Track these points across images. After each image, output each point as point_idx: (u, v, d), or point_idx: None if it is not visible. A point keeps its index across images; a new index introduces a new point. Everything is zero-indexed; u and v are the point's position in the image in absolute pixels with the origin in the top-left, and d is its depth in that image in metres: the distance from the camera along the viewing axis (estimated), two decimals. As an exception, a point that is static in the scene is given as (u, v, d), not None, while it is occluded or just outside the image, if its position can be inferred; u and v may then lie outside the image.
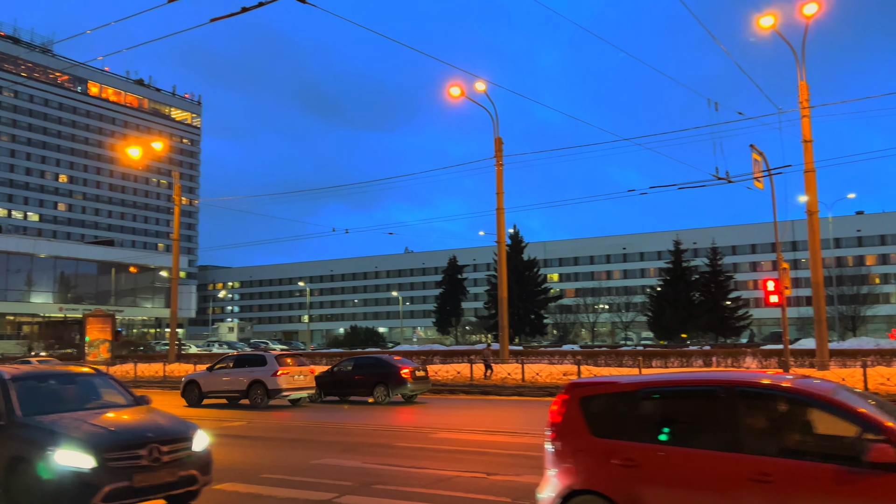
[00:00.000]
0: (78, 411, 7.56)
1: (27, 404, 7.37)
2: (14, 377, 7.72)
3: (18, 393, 7.45)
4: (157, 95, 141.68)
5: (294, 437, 14.15)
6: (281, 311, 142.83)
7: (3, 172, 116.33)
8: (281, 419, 17.34)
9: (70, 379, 8.55)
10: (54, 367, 14.31)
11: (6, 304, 74.21)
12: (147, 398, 8.54)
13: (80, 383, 8.38)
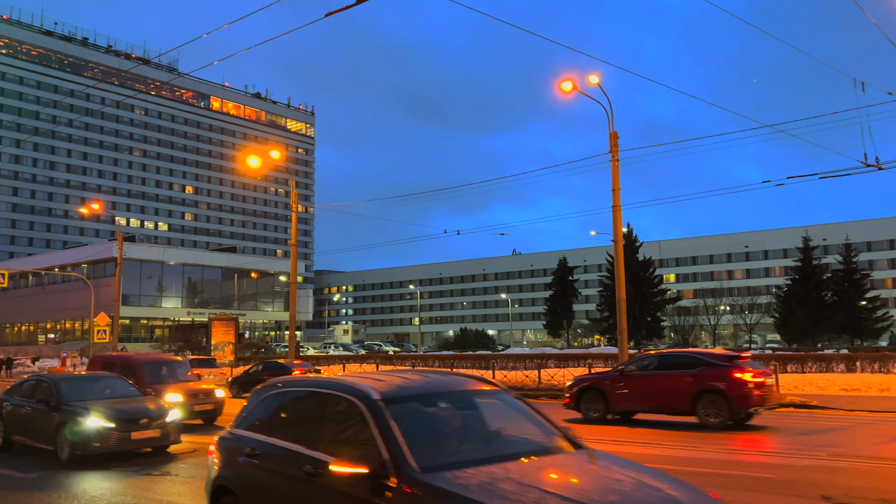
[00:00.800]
0: None
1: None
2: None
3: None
4: (273, 108, 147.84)
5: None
6: (392, 314, 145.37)
7: (136, 185, 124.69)
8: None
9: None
10: None
11: (140, 309, 79.12)
12: None
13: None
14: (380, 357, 42.08)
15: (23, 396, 13.00)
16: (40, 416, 12.05)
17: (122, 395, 12.77)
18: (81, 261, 79.08)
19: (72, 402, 11.80)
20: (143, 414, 11.90)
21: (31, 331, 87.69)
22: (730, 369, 14.75)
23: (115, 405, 11.90)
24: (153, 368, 17.34)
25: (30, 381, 13.39)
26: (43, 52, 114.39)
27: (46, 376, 13.24)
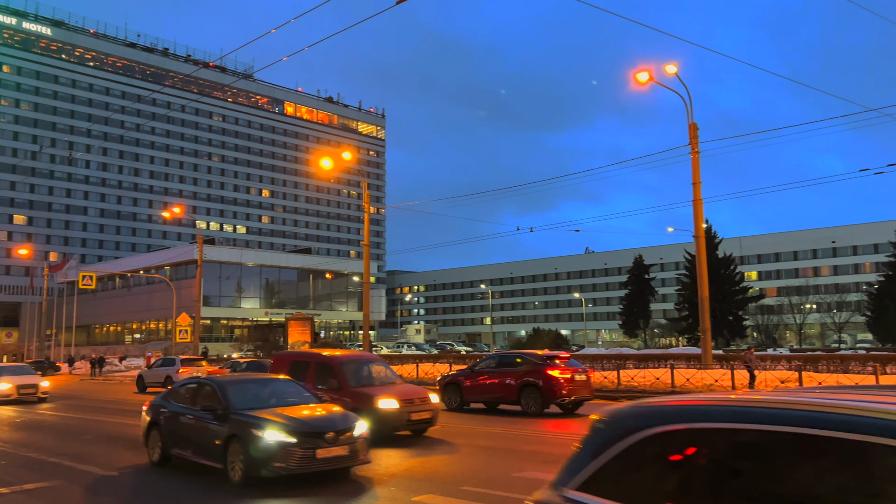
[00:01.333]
0: None
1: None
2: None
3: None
4: (345, 111, 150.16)
5: (491, 444, 13.36)
6: (464, 314, 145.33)
7: (215, 190, 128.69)
8: (474, 424, 16.67)
9: None
10: None
11: (221, 310, 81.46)
12: None
13: None
14: (452, 356, 41.80)
15: (182, 402, 11.23)
16: (205, 428, 10.26)
17: (297, 401, 10.75)
18: (164, 263, 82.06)
19: (242, 410, 9.96)
20: (328, 426, 9.71)
21: (119, 331, 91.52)
22: (544, 367, 18.13)
23: (295, 414, 9.88)
24: (356, 368, 14.82)
25: (189, 384, 11.65)
26: (127, 63, 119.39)
27: (209, 379, 11.40)
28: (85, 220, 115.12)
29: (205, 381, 11.27)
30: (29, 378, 26.32)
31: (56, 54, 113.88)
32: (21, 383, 25.49)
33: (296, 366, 15.04)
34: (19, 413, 21.71)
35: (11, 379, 25.57)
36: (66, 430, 17.05)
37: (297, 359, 15.91)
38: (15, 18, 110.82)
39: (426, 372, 30.86)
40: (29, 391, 25.51)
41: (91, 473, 10.84)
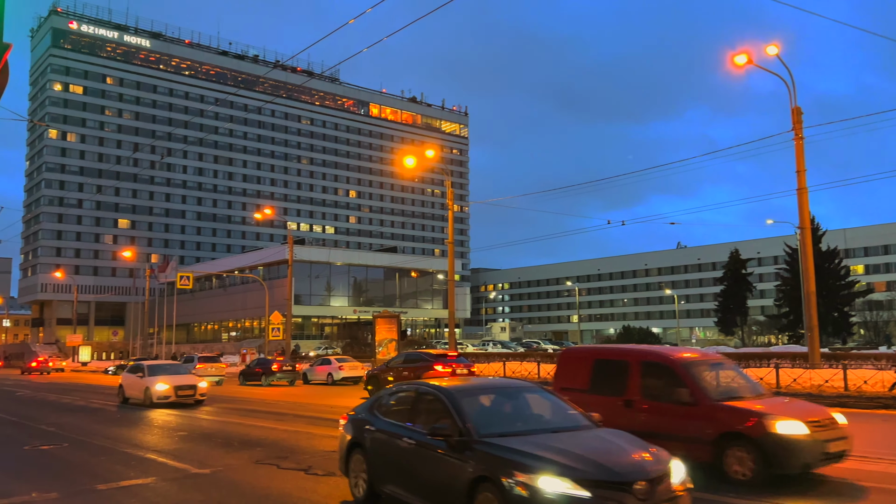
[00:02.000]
0: None
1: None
2: None
3: None
4: (428, 111, 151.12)
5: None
6: (550, 312, 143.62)
7: (304, 192, 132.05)
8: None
9: None
10: None
11: (311, 308, 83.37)
12: None
13: None
14: (540, 355, 41.06)
15: (396, 417, 8.06)
16: (434, 460, 7.04)
17: (565, 424, 7.27)
18: (257, 263, 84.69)
19: (490, 436, 6.71)
20: (636, 470, 6.17)
21: (216, 329, 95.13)
22: (433, 363, 23.40)
23: (580, 449, 6.38)
24: (711, 373, 10.12)
25: (403, 392, 8.40)
26: (220, 70, 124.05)
27: (433, 386, 7.92)
28: (183, 223, 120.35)
29: (427, 388, 7.94)
30: (186, 378, 23.64)
31: (154, 65, 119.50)
32: (179, 384, 22.81)
33: (603, 368, 10.79)
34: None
35: (168, 379, 22.90)
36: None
37: (604, 356, 11.39)
38: (117, 32, 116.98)
39: (513, 371, 30.31)
40: (187, 392, 22.80)
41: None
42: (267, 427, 16.41)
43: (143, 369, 23.90)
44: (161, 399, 22.37)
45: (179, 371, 24.47)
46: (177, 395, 22.53)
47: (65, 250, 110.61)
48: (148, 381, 22.83)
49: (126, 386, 24.62)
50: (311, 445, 13.17)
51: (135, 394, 23.75)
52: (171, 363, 27.06)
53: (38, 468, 11.75)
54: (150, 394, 22.54)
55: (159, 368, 24.13)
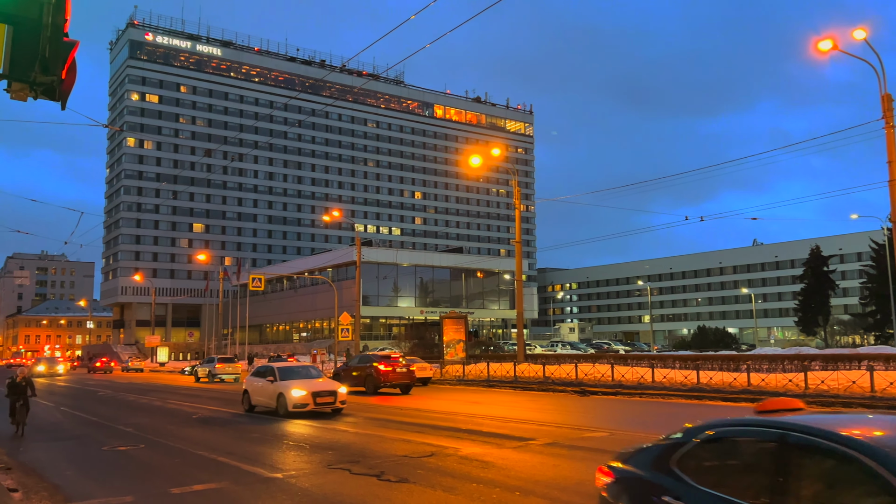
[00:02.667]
0: None
1: None
2: None
3: None
4: (492, 110, 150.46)
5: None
6: (620, 312, 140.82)
7: (371, 194, 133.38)
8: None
9: None
10: None
11: (379, 309, 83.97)
12: None
13: None
14: (611, 356, 40.00)
15: (735, 492, 3.90)
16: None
17: None
18: (326, 265, 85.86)
19: None
20: None
21: (287, 330, 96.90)
22: (376, 363, 27.79)
23: None
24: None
25: (744, 436, 4.27)
26: (288, 76, 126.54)
27: (827, 433, 3.66)
28: (255, 227, 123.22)
29: (816, 437, 3.70)
30: (324, 383, 20.42)
31: (225, 73, 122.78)
32: (317, 389, 19.54)
33: None
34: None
35: (304, 384, 19.71)
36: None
37: None
38: (190, 42, 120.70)
39: (585, 373, 29.52)
40: (326, 400, 19.52)
41: None
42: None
43: (273, 373, 20.71)
44: (298, 407, 19.13)
45: (311, 374, 21.24)
46: (315, 403, 19.24)
47: (143, 254, 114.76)
48: (281, 387, 19.69)
49: (252, 392, 21.45)
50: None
51: (264, 401, 20.62)
52: (300, 365, 23.25)
53: (114, 469, 11.85)
54: (284, 401, 19.35)
55: (290, 371, 21.09)
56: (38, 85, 5.79)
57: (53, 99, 5.95)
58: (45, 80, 5.74)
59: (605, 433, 14.69)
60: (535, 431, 15.05)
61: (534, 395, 26.86)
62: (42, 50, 5.77)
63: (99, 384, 43.48)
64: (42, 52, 5.76)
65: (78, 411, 23.21)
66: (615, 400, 24.07)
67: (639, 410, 20.38)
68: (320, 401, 19.34)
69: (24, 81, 5.75)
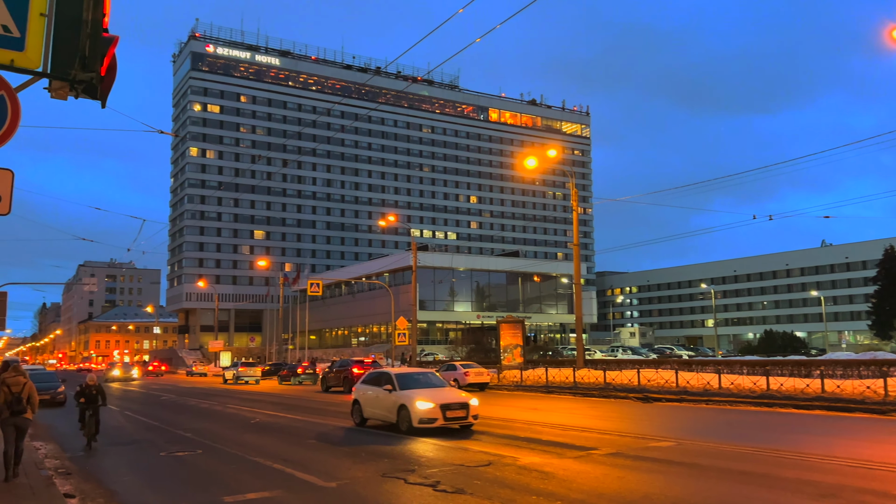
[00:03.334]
0: None
1: None
2: None
3: None
4: (548, 112, 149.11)
5: (741, 467, 11.25)
6: (682, 316, 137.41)
7: (426, 199, 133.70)
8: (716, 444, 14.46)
9: None
10: None
11: (435, 314, 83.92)
12: None
13: None
14: (675, 362, 38.76)
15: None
16: None
17: None
18: (383, 270, 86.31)
19: None
20: None
21: (346, 334, 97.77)
22: (352, 366, 35.37)
23: None
24: None
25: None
26: (344, 84, 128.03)
27: None
28: (313, 233, 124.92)
29: None
30: (452, 393, 16.96)
31: (283, 82, 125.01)
32: (446, 401, 16.13)
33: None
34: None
35: (430, 395, 16.41)
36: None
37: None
38: (249, 53, 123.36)
39: (648, 379, 28.60)
40: (457, 414, 16.09)
41: None
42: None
43: (391, 380, 17.36)
44: (424, 423, 15.76)
45: (433, 382, 17.75)
46: (445, 418, 15.87)
47: (206, 261, 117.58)
48: (402, 397, 16.46)
49: (365, 402, 18.20)
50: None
51: (380, 413, 17.42)
52: (420, 371, 19.06)
53: (170, 475, 11.82)
54: (406, 415, 16.10)
55: (411, 379, 17.64)
56: (78, 83, 5.64)
57: (94, 97, 5.80)
58: (84, 77, 5.58)
59: (671, 443, 13.99)
60: (597, 440, 14.46)
61: (594, 401, 26.13)
62: (82, 46, 5.62)
63: (163, 388, 44.47)
64: (82, 48, 5.61)
65: (140, 415, 23.61)
66: (680, 407, 23.17)
67: (706, 418, 19.51)
68: (451, 415, 15.94)
69: (64, 79, 5.60)
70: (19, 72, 5.47)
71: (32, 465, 12.11)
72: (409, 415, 15.93)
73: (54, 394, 29.00)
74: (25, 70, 5.47)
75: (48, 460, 13.56)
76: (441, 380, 18.14)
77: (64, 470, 12.51)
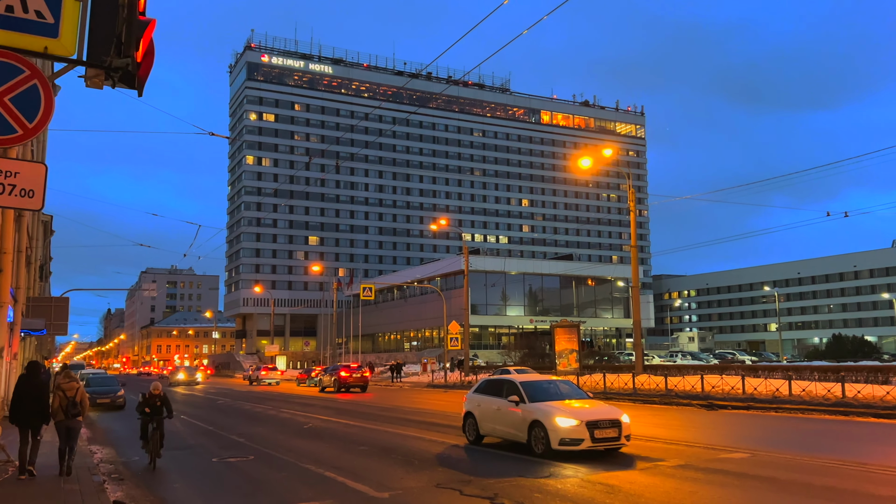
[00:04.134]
0: None
1: None
2: None
3: None
4: (601, 114, 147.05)
5: (825, 482, 10.35)
6: (743, 320, 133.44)
7: (477, 203, 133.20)
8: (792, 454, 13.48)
9: None
10: None
11: (487, 318, 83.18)
12: None
13: None
14: (739, 367, 37.27)
15: None
16: None
17: None
18: (435, 274, 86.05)
19: None
20: None
21: (398, 339, 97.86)
22: (340, 370, 43.88)
23: None
24: None
25: None
26: (396, 90, 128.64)
27: None
28: (366, 238, 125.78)
29: None
30: (600, 407, 13.53)
31: (336, 90, 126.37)
32: (593, 417, 12.79)
33: None
34: None
35: (570, 409, 13.15)
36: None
37: None
38: (302, 62, 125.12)
39: (713, 385, 27.42)
40: (608, 434, 12.69)
41: None
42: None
43: (517, 390, 14.08)
44: (566, 444, 12.55)
45: (563, 392, 14.33)
46: (593, 439, 12.53)
47: (263, 267, 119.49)
48: (535, 412, 13.27)
49: (482, 417, 15.00)
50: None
51: (502, 430, 14.29)
52: (546, 378, 16.22)
53: (221, 483, 11.59)
54: (542, 433, 12.87)
55: (539, 388, 14.30)
56: (114, 70, 5.32)
57: (131, 86, 5.47)
58: (120, 63, 5.26)
59: (744, 454, 13.10)
60: (664, 451, 13.66)
61: (655, 408, 25.14)
62: (118, 31, 5.30)
63: (219, 392, 45.00)
64: (118, 33, 5.29)
65: (196, 420, 23.69)
66: (748, 415, 22.05)
67: (778, 427, 18.43)
68: (599, 434, 12.63)
69: (99, 67, 5.29)
70: (53, 59, 5.18)
71: (86, 470, 12.03)
72: (547, 434, 12.72)
73: (114, 397, 29.46)
74: (60, 57, 5.18)
75: (103, 465, 13.51)
76: (576, 388, 14.85)
77: (117, 475, 12.42)
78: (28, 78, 5.14)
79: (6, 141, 5.03)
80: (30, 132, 5.14)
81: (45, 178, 5.45)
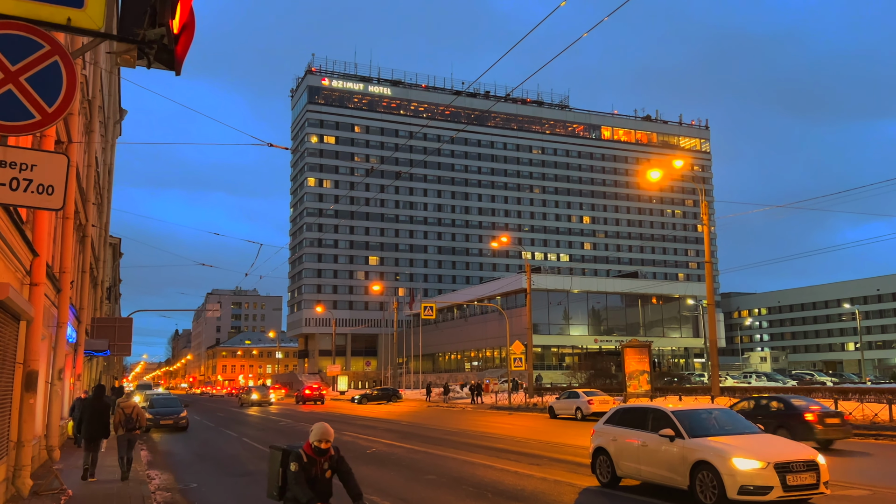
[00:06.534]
0: None
1: None
2: None
3: None
4: (664, 128, 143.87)
5: None
6: (818, 339, 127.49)
7: (537, 220, 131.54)
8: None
9: None
10: None
11: (549, 338, 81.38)
12: None
13: None
14: (826, 390, 34.86)
15: None
16: None
17: None
18: (495, 293, 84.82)
19: None
20: None
21: (459, 359, 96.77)
22: (304, 388, 62.51)
23: None
24: None
25: None
26: (454, 109, 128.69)
27: None
28: (425, 258, 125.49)
29: None
30: (784, 446, 10.67)
31: (395, 111, 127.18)
32: (781, 459, 9.91)
33: None
34: None
35: (749, 446, 10.41)
36: None
37: None
38: (362, 84, 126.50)
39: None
40: (804, 480, 9.88)
41: None
42: None
43: (670, 422, 11.26)
44: (749, 493, 9.76)
45: (733, 425, 11.55)
46: (785, 486, 9.71)
47: (324, 287, 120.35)
48: (698, 449, 10.55)
49: (619, 453, 12.24)
50: None
51: (651, 471, 11.49)
52: (705, 406, 12.94)
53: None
54: (711, 478, 10.17)
55: (699, 419, 11.48)
56: (148, 46, 4.55)
57: (168, 66, 4.69)
58: (154, 35, 4.47)
59: (863, 490, 11.56)
60: (863, 499, 11.37)
61: (740, 434, 23.33)
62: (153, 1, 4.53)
63: (281, 413, 44.72)
64: (153, 2, 4.52)
65: (257, 443, 23.15)
66: (849, 443, 20.15)
67: (890, 457, 16.63)
68: (792, 481, 9.80)
69: (131, 41, 4.52)
70: (78, 33, 4.44)
71: (140, 499, 11.39)
72: (720, 479, 9.93)
73: (177, 418, 29.26)
74: (85, 30, 4.43)
75: (159, 492, 12.88)
76: (739, 417, 11.96)
77: (169, 498, 11.76)
78: (48, 54, 4.44)
79: (23, 128, 4.33)
80: (49, 117, 4.42)
81: (66, 171, 4.72)
